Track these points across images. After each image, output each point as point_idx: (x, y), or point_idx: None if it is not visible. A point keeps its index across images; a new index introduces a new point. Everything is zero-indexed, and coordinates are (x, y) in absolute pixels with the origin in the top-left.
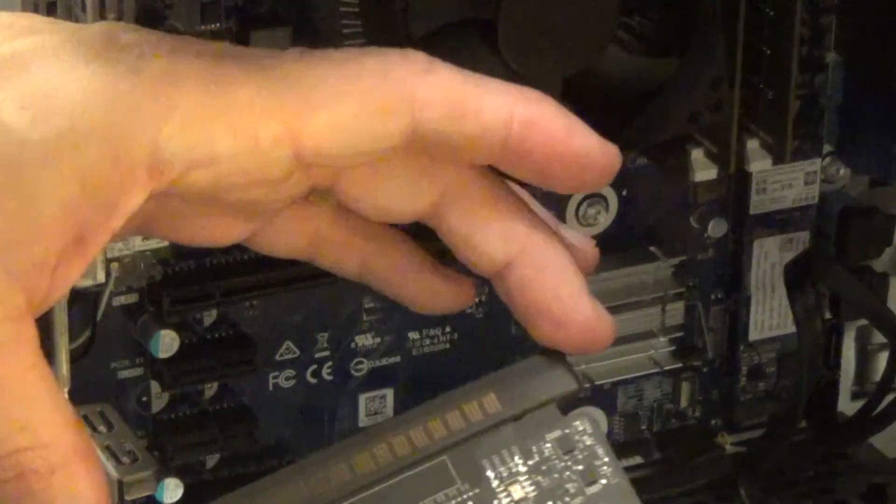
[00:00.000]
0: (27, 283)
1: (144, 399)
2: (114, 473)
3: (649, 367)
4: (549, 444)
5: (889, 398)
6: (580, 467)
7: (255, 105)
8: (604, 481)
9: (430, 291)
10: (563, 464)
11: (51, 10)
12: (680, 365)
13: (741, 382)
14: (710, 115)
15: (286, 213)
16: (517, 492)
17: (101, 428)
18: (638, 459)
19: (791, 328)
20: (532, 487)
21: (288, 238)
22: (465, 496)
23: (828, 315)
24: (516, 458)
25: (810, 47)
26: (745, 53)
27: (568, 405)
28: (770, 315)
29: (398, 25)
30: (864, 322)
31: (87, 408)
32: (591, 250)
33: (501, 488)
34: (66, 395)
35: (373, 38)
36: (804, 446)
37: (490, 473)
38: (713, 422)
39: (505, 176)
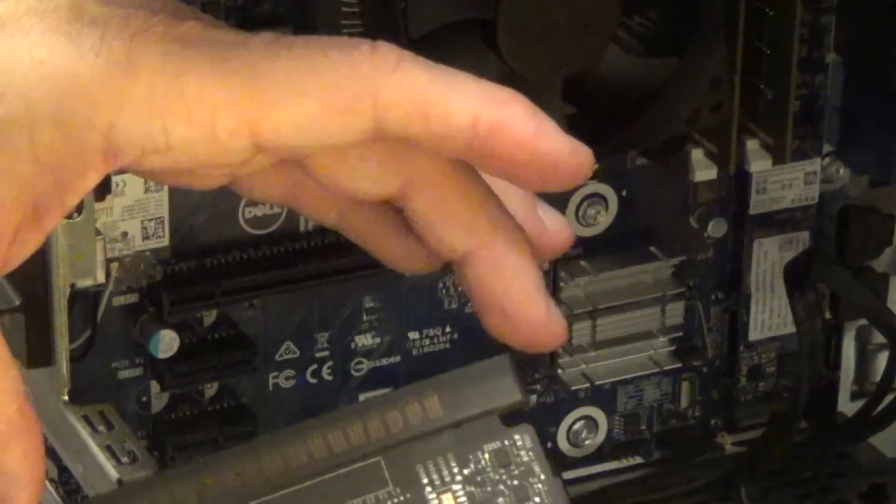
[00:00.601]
0: None
1: (144, 399)
2: (114, 473)
3: (649, 367)
4: (486, 455)
5: (889, 398)
6: (514, 482)
7: (214, 96)
8: (537, 499)
9: (403, 251)
10: (497, 477)
11: None
12: (680, 365)
13: (741, 382)
14: (710, 115)
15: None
16: (448, 501)
17: (101, 428)
18: (638, 459)
19: (791, 328)
20: (464, 498)
21: (267, 187)
22: (395, 500)
23: (828, 315)
24: (452, 466)
25: (810, 47)
26: (745, 53)
27: (511, 416)
28: (770, 315)
29: (398, 25)
30: (864, 322)
31: (87, 408)
32: (564, 231)
33: (433, 496)
34: (17, 370)
35: (373, 38)
36: (804, 446)
37: (424, 479)
38: (713, 422)
39: None
